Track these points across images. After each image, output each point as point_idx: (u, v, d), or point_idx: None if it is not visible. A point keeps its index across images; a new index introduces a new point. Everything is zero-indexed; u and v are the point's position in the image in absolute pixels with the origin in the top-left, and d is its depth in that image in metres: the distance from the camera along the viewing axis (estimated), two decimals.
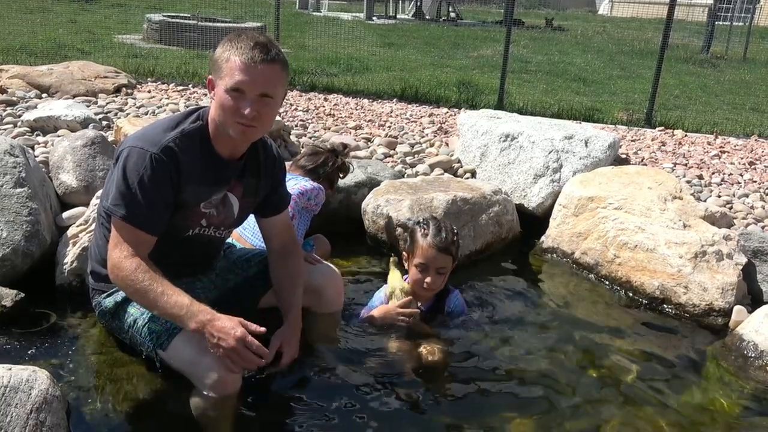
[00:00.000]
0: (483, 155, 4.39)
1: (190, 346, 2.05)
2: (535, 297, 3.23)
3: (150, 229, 2.08)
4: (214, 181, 2.20)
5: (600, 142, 4.25)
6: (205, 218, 2.26)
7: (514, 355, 2.62)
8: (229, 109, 2.05)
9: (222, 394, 2.02)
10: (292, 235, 2.52)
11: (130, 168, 2.05)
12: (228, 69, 2.03)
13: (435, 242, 2.58)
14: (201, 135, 2.16)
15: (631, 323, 3.02)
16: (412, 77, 7.64)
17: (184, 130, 2.13)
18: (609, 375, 2.53)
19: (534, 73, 9.45)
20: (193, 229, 2.26)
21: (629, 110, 6.84)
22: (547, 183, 4.00)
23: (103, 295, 2.30)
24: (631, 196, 3.56)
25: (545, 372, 2.52)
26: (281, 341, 2.22)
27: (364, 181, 3.85)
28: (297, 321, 2.34)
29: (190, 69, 6.94)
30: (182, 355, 2.06)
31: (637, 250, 3.33)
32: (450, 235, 2.62)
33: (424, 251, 2.58)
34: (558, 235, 3.70)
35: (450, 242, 2.60)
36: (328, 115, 5.62)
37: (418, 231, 2.64)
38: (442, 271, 2.60)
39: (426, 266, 2.58)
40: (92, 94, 5.46)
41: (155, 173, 2.04)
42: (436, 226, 2.64)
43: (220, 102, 2.06)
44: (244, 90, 2.03)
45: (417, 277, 2.60)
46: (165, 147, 2.07)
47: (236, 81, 2.01)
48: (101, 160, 3.31)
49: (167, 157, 2.06)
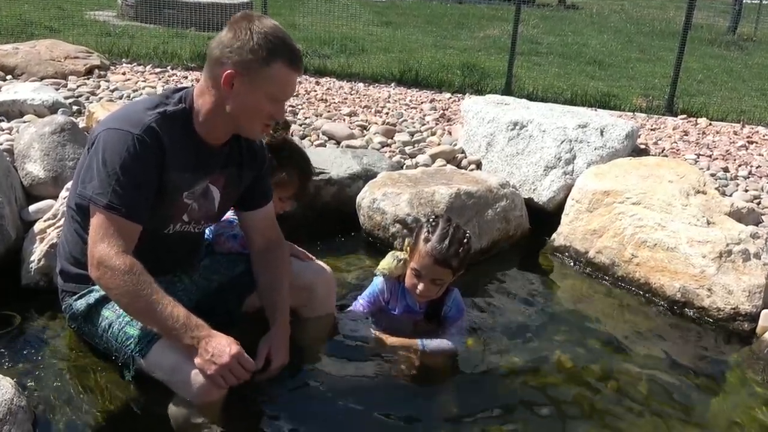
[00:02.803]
0: (489, 145, 4.39)
1: (171, 351, 2.05)
2: (544, 300, 3.23)
3: (137, 218, 2.07)
4: (197, 168, 2.21)
5: (617, 131, 4.25)
6: (187, 213, 2.26)
7: (521, 363, 2.62)
8: (267, 116, 2.14)
9: (206, 402, 2.02)
10: (276, 231, 2.52)
11: (110, 152, 2.04)
12: (272, 76, 2.07)
13: (434, 251, 2.50)
14: (184, 119, 2.16)
15: (649, 329, 3.03)
16: (412, 59, 7.63)
17: (166, 111, 2.13)
18: (625, 385, 2.54)
19: (545, 55, 9.44)
20: (174, 225, 2.26)
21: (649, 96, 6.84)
22: (559, 175, 4.00)
23: (73, 297, 2.29)
24: (650, 190, 3.56)
25: (555, 382, 2.52)
26: (269, 347, 2.22)
27: (359, 172, 3.85)
28: (285, 325, 2.34)
29: (168, 49, 6.92)
30: (164, 361, 2.06)
31: (657, 249, 3.33)
32: (456, 245, 2.52)
33: (421, 257, 2.54)
34: (570, 232, 3.70)
35: (452, 255, 2.51)
36: (320, 100, 5.61)
37: (423, 231, 2.59)
38: (438, 282, 2.56)
39: (420, 273, 2.55)
40: (62, 76, 5.44)
41: (139, 156, 2.04)
42: (443, 231, 2.54)
43: (255, 106, 2.10)
44: (285, 99, 2.16)
45: (411, 281, 2.59)
46: (148, 127, 2.07)
47: (285, 93, 2.13)
48: (71, 148, 3.30)
49: (150, 138, 2.06)
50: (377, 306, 2.69)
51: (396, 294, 2.69)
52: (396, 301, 2.69)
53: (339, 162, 3.90)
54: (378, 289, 2.69)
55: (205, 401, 2.02)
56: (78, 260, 2.25)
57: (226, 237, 2.67)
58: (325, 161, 3.87)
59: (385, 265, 2.69)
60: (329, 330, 2.63)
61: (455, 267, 2.54)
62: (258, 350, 2.25)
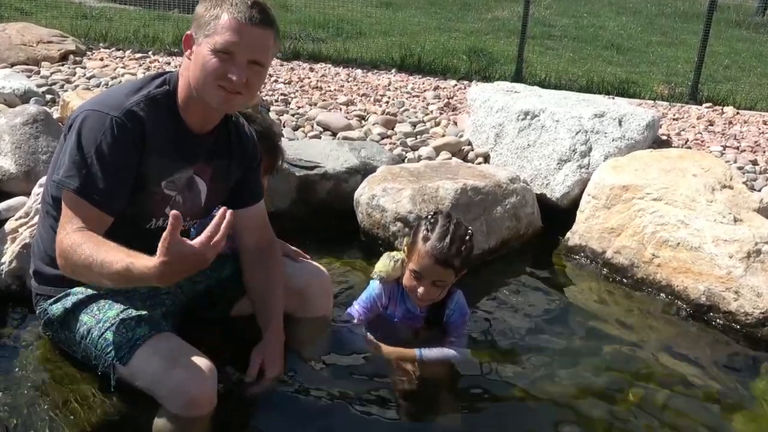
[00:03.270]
0: (498, 136, 4.39)
1: (156, 358, 2.05)
2: (557, 305, 3.24)
3: (107, 207, 2.08)
4: (179, 155, 2.21)
5: (636, 120, 4.26)
6: (171, 206, 2.27)
7: (530, 373, 2.63)
8: (213, 71, 2.07)
9: (195, 415, 2.02)
10: (268, 231, 2.53)
11: (86, 133, 2.05)
12: (217, 26, 2.05)
13: (434, 251, 2.49)
14: (168, 102, 2.18)
15: (671, 335, 3.04)
16: (414, 43, 7.63)
17: (149, 93, 2.15)
18: (645, 398, 2.54)
19: (559, 38, 9.44)
20: (156, 220, 2.27)
21: (671, 83, 6.84)
22: (574, 169, 4.00)
23: (49, 301, 2.29)
24: (672, 184, 3.57)
25: (568, 393, 2.53)
26: (263, 357, 2.23)
27: (357, 166, 3.85)
28: (279, 332, 2.35)
29: (150, 33, 6.92)
30: (147, 369, 2.07)
31: (680, 248, 3.34)
32: (458, 243, 2.52)
33: (420, 257, 2.52)
34: (586, 230, 3.71)
35: (454, 254, 2.50)
36: (315, 88, 5.62)
37: (421, 228, 2.59)
38: (440, 283, 2.56)
39: (420, 275, 2.55)
40: (34, 62, 5.44)
41: (116, 140, 2.05)
42: (443, 228, 2.54)
43: (203, 62, 2.07)
44: (234, 53, 2.06)
45: (410, 283, 2.58)
46: (128, 111, 2.08)
47: (227, 41, 2.04)
48: (45, 140, 3.31)
49: (130, 122, 2.07)
50: (374, 312, 2.69)
51: (395, 298, 2.69)
52: (395, 305, 2.70)
53: (335, 155, 3.90)
54: (375, 294, 2.69)
55: (193, 414, 2.02)
56: (55, 260, 2.25)
57: None
58: (320, 154, 3.88)
59: (381, 267, 2.68)
60: (324, 336, 2.63)
61: (457, 267, 2.54)
62: (250, 360, 2.26)
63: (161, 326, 2.17)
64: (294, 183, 3.69)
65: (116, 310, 2.18)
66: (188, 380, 2.00)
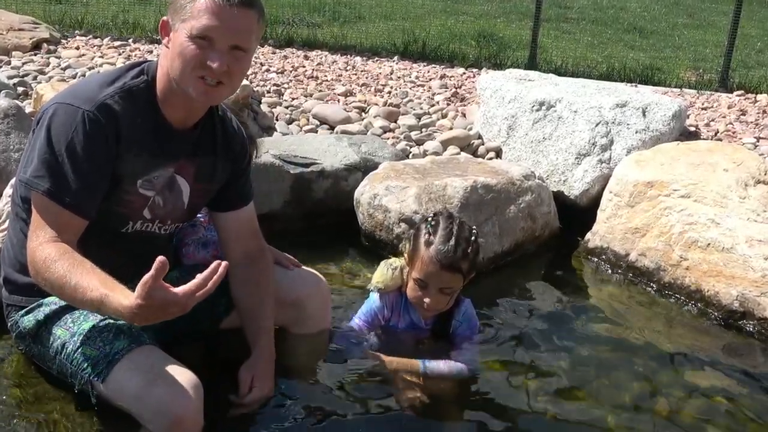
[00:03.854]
0: (510, 129, 4.39)
1: (136, 375, 2.05)
2: (577, 312, 3.23)
3: (80, 209, 2.08)
4: (157, 151, 2.21)
5: (661, 110, 4.25)
6: (149, 208, 2.26)
7: (548, 387, 2.62)
8: (192, 60, 2.06)
9: None
10: (258, 238, 2.52)
11: (56, 129, 2.05)
12: (194, 10, 2.04)
13: (438, 255, 2.48)
14: (146, 94, 2.18)
15: (701, 344, 3.04)
16: (418, 28, 7.63)
17: (125, 85, 2.15)
18: (675, 410, 2.54)
19: (576, 21, 9.44)
20: (133, 222, 2.27)
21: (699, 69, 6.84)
22: (594, 164, 4.00)
23: (20, 312, 2.29)
24: (702, 180, 3.57)
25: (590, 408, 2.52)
26: (252, 376, 2.23)
27: (357, 163, 3.85)
28: (269, 349, 2.34)
29: (130, 18, 6.93)
30: (126, 387, 2.06)
31: (710, 249, 3.34)
32: (463, 245, 2.51)
33: (424, 264, 2.51)
34: (608, 231, 3.71)
35: (460, 256, 2.49)
36: (310, 77, 5.62)
37: (422, 232, 2.57)
38: (447, 291, 2.56)
39: (425, 284, 2.54)
40: (4, 51, 5.45)
41: (89, 136, 2.05)
42: (446, 229, 2.53)
43: (180, 50, 2.07)
44: (213, 38, 2.05)
45: (415, 294, 2.58)
46: (101, 104, 2.08)
47: (204, 25, 2.03)
48: (17, 137, 3.31)
49: (104, 117, 2.07)
50: (376, 326, 2.69)
51: (398, 309, 2.68)
52: (399, 316, 2.69)
53: (333, 151, 3.90)
54: (375, 307, 2.68)
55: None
56: (26, 266, 2.25)
57: (194, 245, 2.67)
58: (316, 150, 3.88)
59: (379, 278, 2.67)
60: (323, 352, 2.62)
61: (465, 270, 2.53)
62: (240, 379, 2.26)
63: (142, 338, 2.16)
64: (288, 182, 3.69)
65: (92, 321, 2.18)
66: (172, 398, 1.99)
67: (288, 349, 2.50)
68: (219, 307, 2.53)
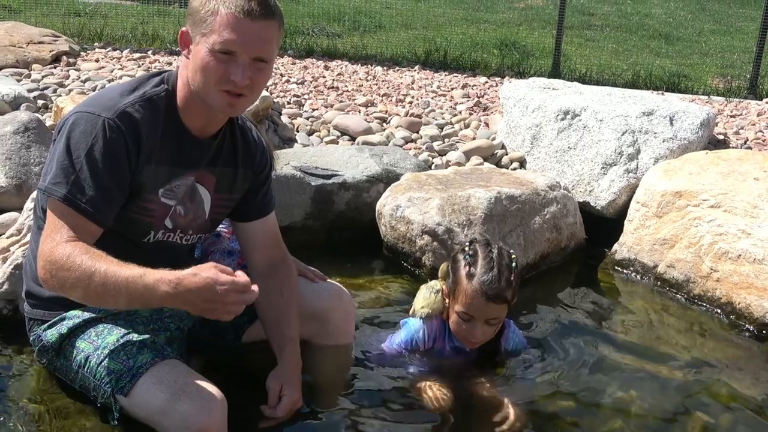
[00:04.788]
0: (535, 138, 4.39)
1: (160, 388, 2.06)
2: (605, 325, 3.22)
3: (98, 217, 2.09)
4: (177, 161, 2.23)
5: (689, 118, 4.23)
6: (170, 218, 2.28)
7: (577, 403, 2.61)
8: (215, 75, 2.08)
9: None
10: (281, 248, 2.53)
11: (76, 137, 2.07)
12: (215, 24, 2.06)
13: (483, 287, 2.43)
14: (166, 103, 2.20)
15: (733, 357, 3.01)
16: (440, 37, 7.65)
17: (145, 93, 2.17)
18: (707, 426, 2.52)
19: (600, 28, 9.42)
20: (155, 232, 2.29)
21: (727, 76, 6.80)
22: (621, 174, 3.99)
23: (43, 327, 2.31)
24: (732, 189, 3.54)
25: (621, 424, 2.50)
26: (281, 384, 2.24)
27: (379, 174, 3.86)
28: (296, 357, 2.35)
29: (149, 30, 7.00)
30: (150, 401, 2.08)
31: (741, 261, 3.31)
32: (506, 273, 2.46)
33: (467, 297, 2.46)
34: (636, 242, 3.69)
35: (504, 286, 2.45)
36: (330, 88, 5.65)
37: (460, 263, 2.53)
38: (494, 321, 2.52)
39: (470, 317, 2.49)
40: (24, 64, 5.52)
41: (109, 144, 2.07)
42: (486, 258, 2.48)
43: (202, 65, 2.09)
44: (236, 52, 2.07)
45: (460, 327, 2.54)
46: (122, 112, 2.10)
47: (226, 40, 2.05)
48: (37, 150, 3.35)
49: (125, 125, 2.09)
50: (414, 353, 2.66)
51: (441, 335, 2.65)
52: (442, 342, 2.66)
53: (354, 162, 3.92)
54: (419, 336, 2.64)
55: None
56: None
57: (220, 254, 2.69)
58: (337, 161, 3.90)
59: (423, 303, 2.63)
60: (347, 365, 2.63)
61: (510, 298, 2.50)
62: (269, 388, 2.26)
63: (165, 352, 2.18)
64: (309, 194, 3.71)
65: (116, 335, 2.20)
66: (196, 412, 2.01)
67: (311, 361, 2.50)
68: (242, 317, 2.54)
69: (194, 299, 1.91)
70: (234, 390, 2.20)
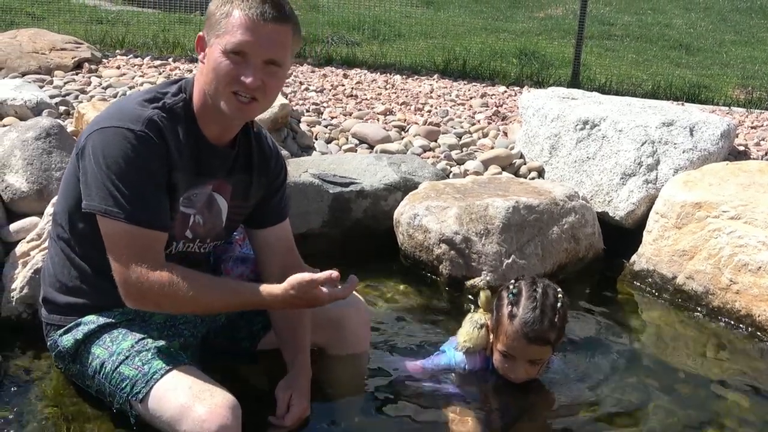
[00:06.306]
0: (553, 148, 4.37)
1: (175, 394, 2.07)
2: (623, 337, 3.20)
3: (162, 224, 2.13)
4: (197, 169, 2.24)
5: (710, 129, 4.21)
6: (190, 228, 2.29)
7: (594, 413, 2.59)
8: (226, 75, 2.09)
9: None
10: (294, 255, 2.53)
11: (111, 155, 2.07)
12: (228, 25, 2.08)
13: (524, 328, 2.38)
14: (185, 111, 2.21)
15: (753, 371, 2.98)
16: (459, 46, 7.65)
17: (166, 104, 2.18)
18: None
19: (620, 38, 9.39)
20: (177, 243, 2.29)
21: (748, 87, 6.75)
22: (640, 184, 3.97)
23: (59, 332, 2.33)
24: (752, 201, 3.52)
25: None
26: (291, 393, 2.24)
27: (397, 182, 3.86)
28: (306, 366, 2.35)
29: (170, 38, 7.03)
30: (165, 407, 2.08)
31: (761, 273, 3.28)
32: (550, 314, 2.40)
33: (509, 338, 2.42)
34: (654, 253, 3.67)
35: (547, 327, 2.39)
36: (349, 96, 5.65)
37: (504, 302, 2.49)
38: (538, 362, 2.49)
39: (512, 356, 2.46)
40: (46, 71, 5.56)
41: (144, 154, 2.08)
42: (529, 299, 2.43)
43: (214, 66, 2.10)
44: (248, 53, 2.08)
45: (503, 365, 2.50)
46: (149, 120, 2.11)
47: (238, 41, 2.06)
48: (59, 156, 3.37)
49: (154, 134, 2.11)
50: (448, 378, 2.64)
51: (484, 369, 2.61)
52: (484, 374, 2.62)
53: (372, 170, 3.92)
54: (459, 367, 2.61)
55: None
56: (65, 286, 2.29)
57: (233, 262, 2.69)
58: (355, 169, 3.90)
59: (467, 337, 2.59)
60: (363, 374, 2.63)
61: (554, 340, 2.45)
62: (278, 397, 2.26)
63: (180, 359, 2.19)
64: (327, 201, 3.71)
65: (131, 341, 2.21)
66: (210, 418, 2.01)
67: (326, 369, 2.50)
68: (257, 325, 2.55)
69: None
70: (248, 397, 2.20)
